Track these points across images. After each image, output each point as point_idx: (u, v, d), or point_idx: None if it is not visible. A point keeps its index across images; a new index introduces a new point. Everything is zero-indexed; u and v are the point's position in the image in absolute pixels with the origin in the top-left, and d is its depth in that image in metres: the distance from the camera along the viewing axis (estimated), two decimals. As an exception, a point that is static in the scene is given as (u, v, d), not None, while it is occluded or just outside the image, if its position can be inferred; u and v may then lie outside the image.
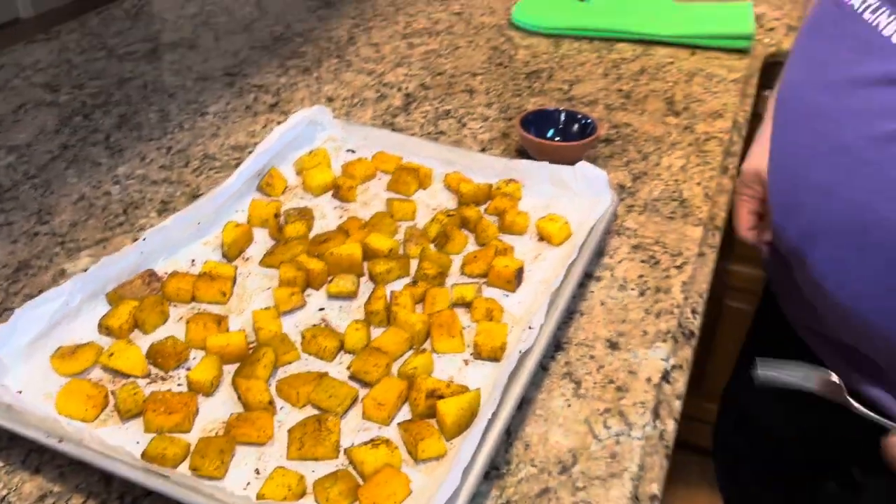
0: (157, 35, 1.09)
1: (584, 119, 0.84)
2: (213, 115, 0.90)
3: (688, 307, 0.66)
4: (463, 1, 1.23)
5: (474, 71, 1.03)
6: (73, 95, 0.93)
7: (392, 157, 0.78)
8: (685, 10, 1.16)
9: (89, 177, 0.78)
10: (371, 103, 0.94)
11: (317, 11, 1.18)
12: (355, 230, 0.68)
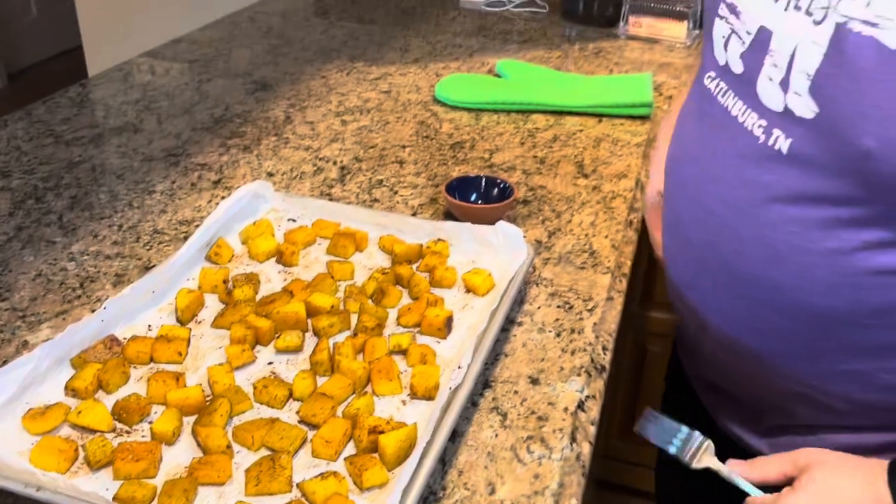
0: (102, 121, 1.15)
1: (503, 183, 0.93)
2: (160, 192, 0.97)
3: (599, 345, 0.75)
4: (390, 80, 1.34)
5: (403, 143, 1.12)
6: (24, 180, 0.98)
7: (330, 223, 0.86)
8: (591, 83, 1.29)
9: (45, 255, 0.84)
10: (309, 176, 1.02)
11: (254, 94, 1.27)
12: (299, 291, 0.75)
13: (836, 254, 0.59)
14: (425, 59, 1.44)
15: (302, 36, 1.55)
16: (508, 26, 1.65)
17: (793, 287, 0.62)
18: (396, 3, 1.79)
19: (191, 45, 1.48)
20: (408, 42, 1.53)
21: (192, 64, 1.38)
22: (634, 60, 1.46)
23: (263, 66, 1.38)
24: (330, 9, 1.74)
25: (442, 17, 1.69)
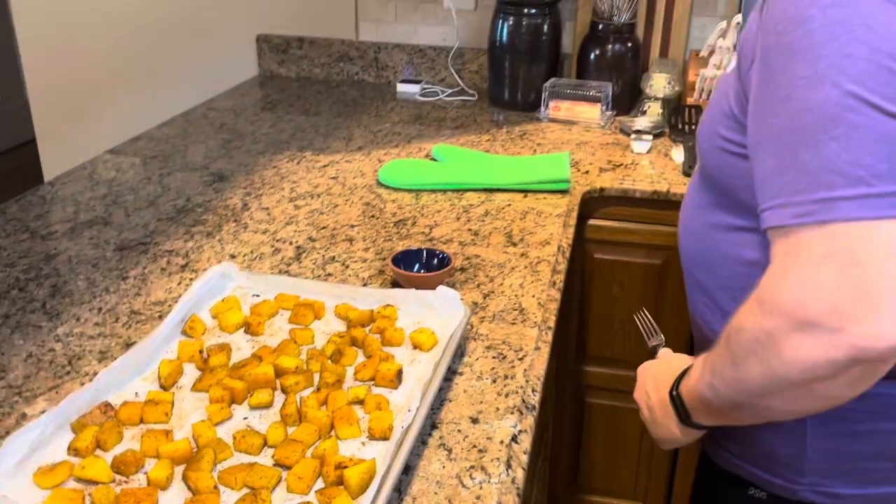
0: (73, 216, 1.26)
1: (442, 254, 1.06)
2: (133, 278, 1.07)
3: (529, 387, 0.87)
4: (337, 167, 1.47)
5: (352, 223, 1.25)
6: (6, 273, 1.07)
7: (291, 296, 0.97)
8: (517, 163, 1.45)
9: (34, 338, 0.93)
10: (268, 256, 1.14)
11: (212, 185, 1.39)
12: (267, 355, 0.86)
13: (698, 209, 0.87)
14: (368, 146, 1.59)
15: (253, 130, 1.69)
16: (442, 114, 1.82)
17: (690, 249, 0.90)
18: (339, 96, 1.95)
19: (149, 141, 1.60)
20: (351, 132, 1.68)
21: (153, 159, 1.50)
22: (555, 140, 1.63)
23: (219, 159, 1.51)
24: (277, 104, 1.89)
25: (381, 108, 1.85)
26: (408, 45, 2.02)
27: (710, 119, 0.81)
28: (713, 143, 0.79)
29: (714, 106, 0.81)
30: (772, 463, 0.86)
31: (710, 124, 0.81)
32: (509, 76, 1.81)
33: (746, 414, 0.71)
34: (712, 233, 0.84)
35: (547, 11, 1.76)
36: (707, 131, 0.81)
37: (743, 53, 0.73)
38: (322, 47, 2.07)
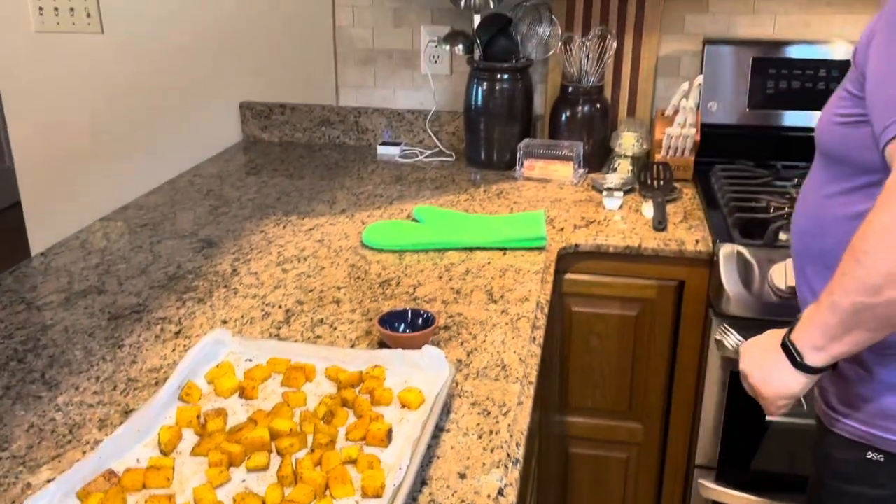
0: (67, 286, 1.30)
1: (426, 314, 1.11)
2: (128, 346, 1.11)
3: (513, 442, 0.92)
4: (322, 230, 1.53)
5: (338, 285, 1.30)
6: (5, 345, 1.11)
7: (282, 360, 1.02)
8: (495, 221, 1.51)
9: (34, 408, 0.96)
10: (258, 321, 1.18)
11: (202, 251, 1.44)
12: (262, 419, 0.90)
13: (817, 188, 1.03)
14: (351, 209, 1.65)
15: (239, 195, 1.74)
16: (422, 175, 1.88)
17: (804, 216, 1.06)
18: (321, 159, 2.01)
19: (138, 210, 1.65)
20: (334, 195, 1.74)
21: (143, 228, 1.55)
22: (531, 198, 1.70)
23: (207, 226, 1.56)
24: (261, 168, 1.95)
25: (363, 170, 1.92)
26: (387, 109, 2.10)
27: (826, 112, 0.99)
28: (830, 125, 0.97)
29: (828, 106, 0.99)
30: (888, 421, 0.96)
31: (826, 116, 0.99)
32: (485, 137, 1.89)
33: (867, 325, 0.84)
34: (825, 202, 0.99)
35: (519, 76, 1.85)
36: (824, 122, 0.99)
37: (858, 51, 0.92)
38: (304, 113, 2.14)
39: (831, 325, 0.88)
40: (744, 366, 1.03)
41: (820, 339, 0.90)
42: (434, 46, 2.01)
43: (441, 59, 2.03)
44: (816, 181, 1.03)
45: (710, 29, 1.90)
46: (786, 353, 0.94)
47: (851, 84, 0.94)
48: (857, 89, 0.92)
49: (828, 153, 1.00)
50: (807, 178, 1.07)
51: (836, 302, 0.86)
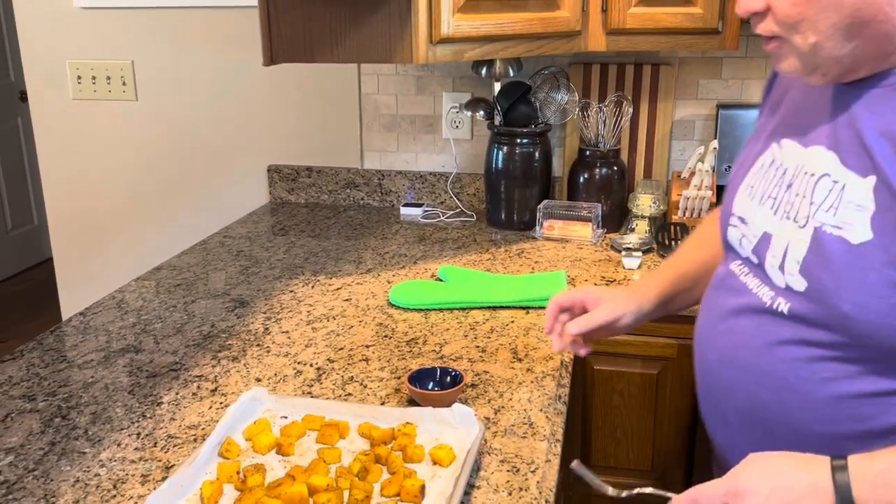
0: (106, 344, 1.34)
1: (454, 372, 1.15)
2: (167, 403, 1.15)
3: (542, 499, 0.94)
4: (350, 290, 1.58)
5: (367, 343, 1.34)
6: (49, 402, 1.15)
7: (317, 417, 1.05)
8: (517, 281, 1.55)
9: (79, 464, 1.00)
10: (291, 378, 1.22)
11: (234, 311, 1.48)
12: (299, 475, 0.93)
13: (828, 381, 0.83)
14: (377, 268, 1.70)
15: (268, 255, 1.80)
16: (444, 235, 1.94)
17: (798, 408, 0.85)
18: (346, 220, 2.08)
19: (171, 271, 1.71)
20: (360, 255, 1.79)
21: (177, 288, 1.60)
22: (551, 258, 1.75)
23: (239, 286, 1.61)
24: (289, 229, 2.01)
25: (387, 231, 1.98)
26: (409, 172, 2.16)
27: (870, 294, 0.78)
28: (888, 319, 0.77)
29: (871, 280, 0.78)
30: None
31: (875, 300, 0.78)
32: (505, 199, 1.95)
33: None
34: (853, 402, 0.82)
35: (538, 140, 1.91)
36: (872, 309, 0.78)
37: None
38: (329, 175, 2.21)
39: None
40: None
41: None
42: (455, 112, 2.09)
43: (462, 124, 2.11)
44: (820, 358, 0.84)
45: (722, 94, 1.96)
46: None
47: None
48: None
49: (877, 347, 0.80)
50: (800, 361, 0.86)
51: None
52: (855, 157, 0.82)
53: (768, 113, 1.02)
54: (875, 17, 0.77)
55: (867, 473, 0.73)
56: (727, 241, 1.01)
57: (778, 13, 0.82)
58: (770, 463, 0.77)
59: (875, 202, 0.79)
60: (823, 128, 0.87)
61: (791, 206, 0.88)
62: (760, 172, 0.96)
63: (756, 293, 0.92)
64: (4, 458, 1.01)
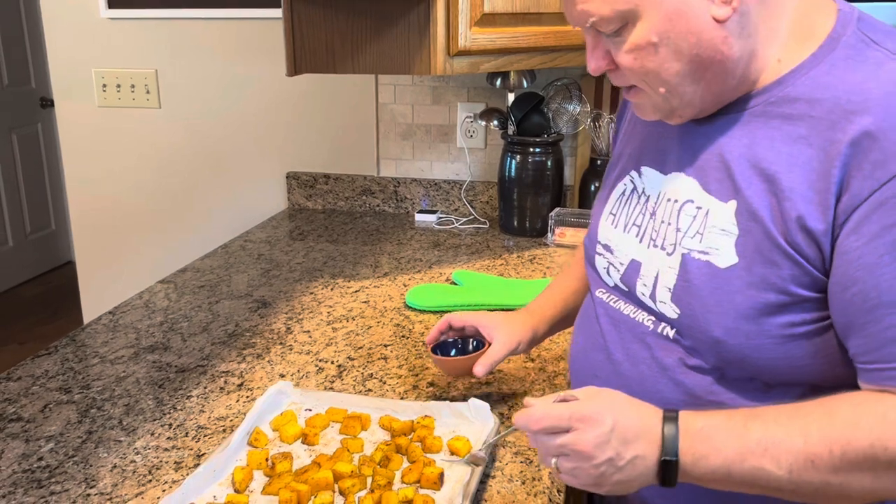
0: (136, 342, 1.40)
1: (475, 341, 1.16)
2: (196, 397, 1.21)
3: (554, 488, 0.99)
4: (367, 292, 1.63)
5: (385, 343, 1.39)
6: (84, 394, 1.21)
7: (340, 410, 1.11)
8: (530, 285, 1.61)
9: (115, 451, 1.06)
10: (313, 375, 1.28)
11: (257, 311, 1.54)
12: (324, 462, 0.98)
13: (713, 403, 0.85)
14: (393, 272, 1.75)
15: (288, 259, 1.86)
16: (458, 241, 1.99)
17: None
18: (363, 226, 2.14)
19: (195, 273, 1.77)
20: (377, 259, 1.85)
21: (201, 289, 1.66)
22: (563, 264, 1.80)
23: (261, 287, 1.67)
24: (307, 234, 2.07)
25: (402, 236, 2.04)
26: (424, 180, 2.22)
27: (737, 317, 0.80)
28: (758, 340, 0.80)
29: (738, 302, 0.80)
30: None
31: (742, 322, 0.80)
32: (518, 206, 2.00)
33: None
34: None
35: (550, 150, 1.97)
36: (741, 332, 0.80)
37: (800, 224, 0.76)
38: (346, 182, 2.28)
39: (763, 486, 0.75)
40: (586, 441, 0.77)
41: (719, 483, 0.76)
42: (470, 122, 2.15)
43: (476, 134, 2.17)
44: (702, 380, 0.86)
45: (730, 106, 2.01)
46: (661, 469, 0.77)
47: (795, 281, 0.77)
48: (810, 288, 0.77)
49: (751, 368, 0.83)
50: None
51: (783, 480, 0.73)
52: (716, 182, 0.84)
53: (624, 139, 1.04)
54: (713, 58, 0.80)
55: (691, 428, 0.76)
56: (595, 268, 1.02)
57: (623, 68, 0.84)
58: (615, 399, 0.80)
59: (738, 226, 0.81)
60: (682, 154, 0.88)
61: (657, 233, 0.90)
62: (622, 200, 0.98)
63: (635, 318, 0.93)
64: (45, 445, 1.07)
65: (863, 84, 0.76)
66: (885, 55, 0.77)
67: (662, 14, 0.78)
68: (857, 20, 0.81)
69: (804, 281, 0.77)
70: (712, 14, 0.78)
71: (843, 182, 0.74)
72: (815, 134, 0.77)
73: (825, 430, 0.73)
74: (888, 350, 0.73)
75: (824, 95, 0.78)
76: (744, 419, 0.76)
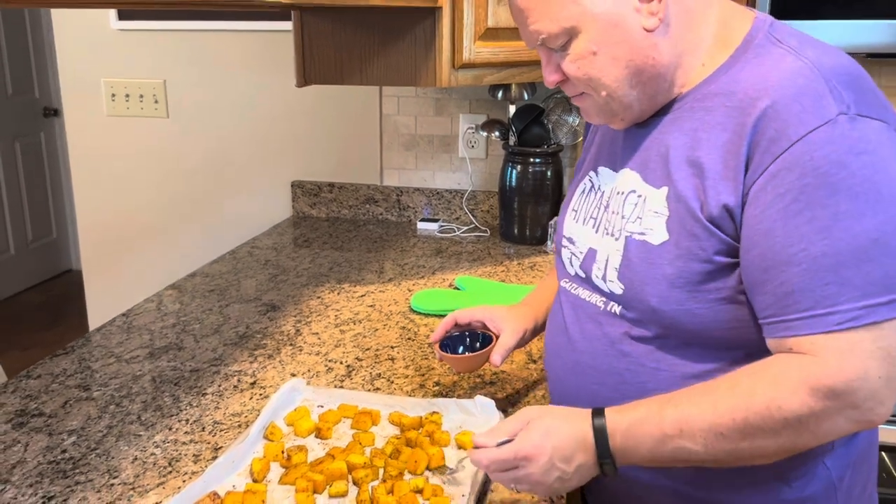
0: (150, 342, 1.45)
1: (482, 335, 1.19)
2: (211, 394, 1.25)
3: (557, 479, 1.04)
4: (373, 297, 1.68)
5: (391, 345, 1.44)
6: (102, 391, 1.25)
7: (351, 406, 1.15)
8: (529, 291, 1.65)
9: (136, 445, 1.10)
10: (323, 374, 1.32)
11: (266, 314, 1.59)
12: (338, 454, 1.03)
13: (658, 370, 0.94)
14: (398, 278, 1.80)
15: (295, 265, 1.91)
16: (459, 248, 2.05)
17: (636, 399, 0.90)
18: (366, 234, 2.19)
19: (205, 278, 1.81)
20: (382, 265, 1.90)
21: (211, 293, 1.71)
22: (562, 270, 1.85)
23: (269, 292, 1.72)
24: (312, 241, 2.12)
25: (405, 244, 2.09)
26: (426, 189, 2.28)
27: (669, 286, 0.89)
28: (688, 305, 0.89)
29: (668, 273, 0.89)
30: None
31: (674, 291, 0.89)
32: (518, 215, 2.05)
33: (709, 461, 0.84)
34: (683, 384, 0.90)
35: (550, 160, 2.03)
36: (673, 299, 0.89)
37: (716, 208, 0.86)
38: (350, 191, 2.33)
39: (684, 459, 0.84)
40: (526, 448, 0.88)
41: (646, 461, 0.86)
42: (472, 133, 2.20)
43: (477, 144, 2.22)
44: (649, 350, 0.95)
45: (724, 119, 2.07)
46: (602, 466, 0.87)
47: (717, 251, 0.86)
48: (728, 255, 0.86)
49: (681, 335, 0.92)
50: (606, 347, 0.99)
51: (695, 451, 0.83)
52: (652, 172, 0.94)
53: (589, 141, 1.15)
54: (646, 63, 0.90)
55: (618, 427, 0.86)
56: (560, 260, 1.12)
57: (571, 77, 0.94)
58: (546, 424, 0.88)
59: (668, 208, 0.91)
60: (628, 153, 0.99)
61: (609, 223, 0.99)
62: (582, 197, 1.08)
63: (589, 301, 1.02)
64: (68, 439, 1.11)
65: (766, 74, 0.86)
66: (786, 51, 0.87)
67: (599, 27, 0.89)
68: (769, 26, 0.92)
69: (724, 250, 0.87)
70: (642, 25, 0.89)
71: (749, 158, 0.84)
72: (728, 120, 0.87)
73: (728, 401, 0.82)
74: (781, 303, 0.82)
75: (736, 88, 0.88)
76: (659, 406, 0.85)
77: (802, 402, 0.79)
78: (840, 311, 0.79)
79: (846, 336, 0.79)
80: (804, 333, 0.81)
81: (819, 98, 0.81)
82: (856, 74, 0.85)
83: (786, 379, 0.80)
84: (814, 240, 0.79)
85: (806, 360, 0.80)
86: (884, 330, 0.79)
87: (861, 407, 0.78)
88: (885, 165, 0.80)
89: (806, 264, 0.80)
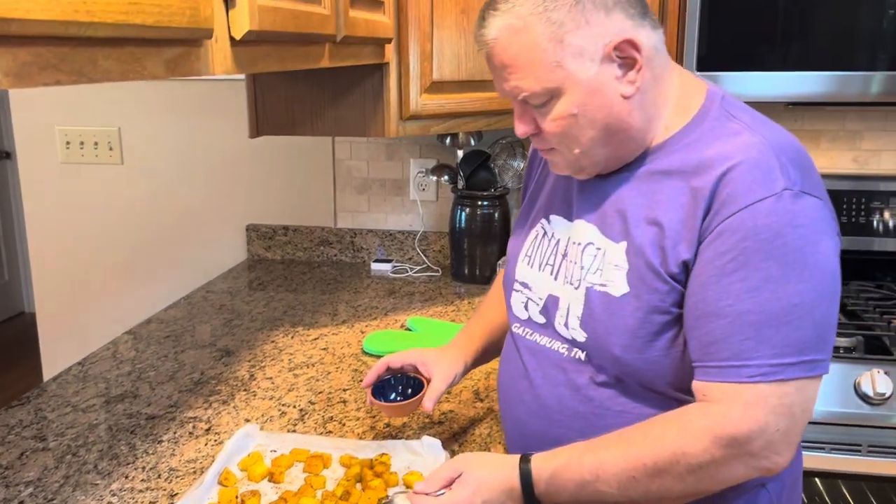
0: (105, 391, 1.48)
1: (414, 380, 1.23)
2: (166, 441, 1.29)
3: (500, 515, 1.09)
4: (326, 339, 1.73)
5: (343, 387, 1.49)
6: (58, 441, 1.28)
7: (303, 450, 1.20)
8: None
9: (93, 494, 1.13)
10: (277, 418, 1.37)
11: (221, 359, 1.63)
12: (290, 498, 1.07)
13: (622, 414, 1.00)
14: (351, 320, 1.86)
15: (249, 309, 1.95)
16: (412, 288, 2.11)
17: None
18: (321, 275, 2.24)
19: (160, 324, 1.84)
20: (335, 307, 1.95)
21: (166, 339, 1.74)
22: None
23: (224, 337, 1.76)
24: (267, 284, 2.16)
25: (359, 285, 2.14)
26: (379, 230, 2.34)
27: (631, 336, 0.95)
28: (648, 354, 0.95)
29: (629, 324, 0.96)
30: None
31: (635, 340, 0.95)
32: (468, 255, 2.13)
33: None
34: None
35: (497, 203, 2.11)
36: (634, 348, 0.96)
37: (672, 258, 0.93)
38: (304, 234, 2.38)
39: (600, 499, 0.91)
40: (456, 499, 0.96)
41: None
42: (422, 176, 2.28)
43: (428, 188, 2.30)
44: (613, 396, 1.01)
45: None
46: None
47: (672, 302, 0.94)
48: (676, 306, 0.94)
49: (644, 379, 0.98)
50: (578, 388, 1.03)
51: (608, 493, 0.90)
52: (610, 227, 1.00)
53: (535, 188, 1.20)
54: (620, 127, 0.96)
55: (544, 472, 0.94)
56: (510, 304, 1.17)
57: (546, 133, 0.99)
58: (476, 477, 0.96)
59: (628, 262, 0.97)
60: (585, 204, 1.04)
61: (568, 271, 1.05)
62: (535, 243, 1.13)
63: (550, 347, 1.07)
64: (25, 490, 1.14)
65: (723, 147, 0.94)
66: (741, 126, 0.96)
67: (582, 91, 0.94)
68: (721, 99, 1.00)
69: (680, 301, 0.94)
70: (620, 92, 0.95)
71: (705, 220, 0.91)
72: (687, 185, 0.94)
73: (640, 448, 0.89)
74: (704, 350, 0.90)
75: (695, 157, 0.95)
76: (580, 453, 0.93)
77: (705, 450, 0.87)
78: (753, 366, 0.87)
79: (754, 389, 0.87)
80: (717, 380, 0.89)
81: (769, 172, 0.89)
82: (801, 153, 0.94)
83: (693, 427, 0.88)
84: (742, 297, 0.87)
85: (714, 408, 0.88)
86: (789, 387, 0.87)
87: (758, 455, 0.86)
88: (817, 239, 0.88)
89: (731, 318, 0.88)
